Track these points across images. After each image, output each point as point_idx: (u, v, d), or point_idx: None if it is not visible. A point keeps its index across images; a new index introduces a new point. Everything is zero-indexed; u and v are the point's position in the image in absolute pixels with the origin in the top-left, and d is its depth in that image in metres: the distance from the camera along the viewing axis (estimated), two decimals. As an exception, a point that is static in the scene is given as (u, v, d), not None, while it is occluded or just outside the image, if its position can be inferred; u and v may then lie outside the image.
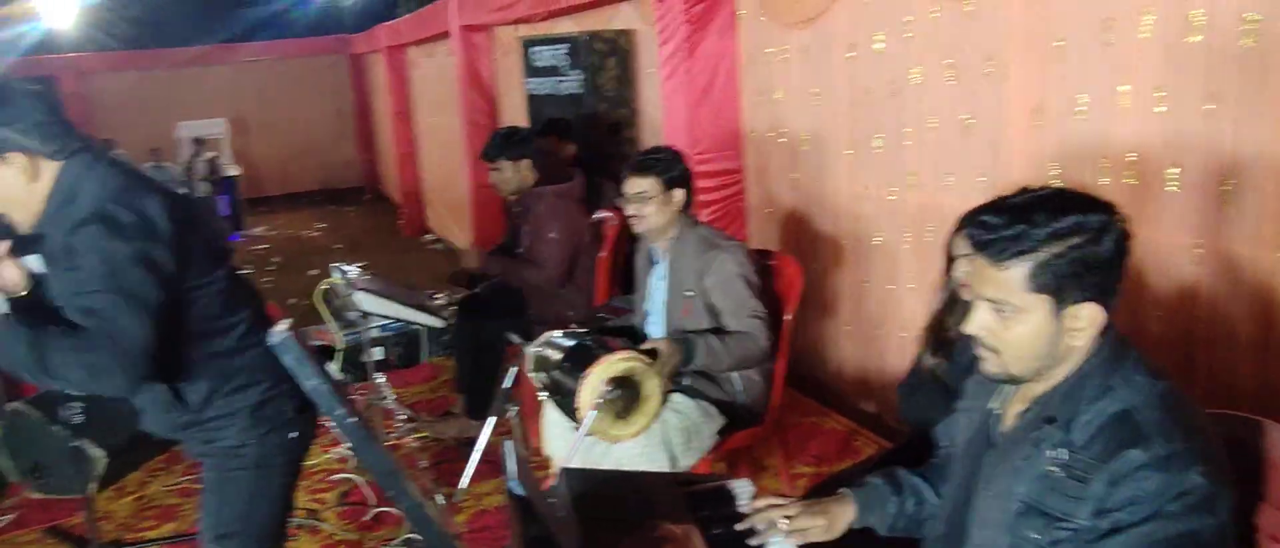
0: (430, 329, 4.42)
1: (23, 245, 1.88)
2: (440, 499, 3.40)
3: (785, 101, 3.99)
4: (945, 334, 2.23)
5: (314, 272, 8.53)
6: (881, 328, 3.68)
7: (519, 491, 1.54)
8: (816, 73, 3.76)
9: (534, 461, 3.10)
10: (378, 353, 3.86)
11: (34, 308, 1.86)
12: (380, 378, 3.84)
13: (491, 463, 3.25)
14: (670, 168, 2.75)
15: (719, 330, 2.68)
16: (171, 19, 13.90)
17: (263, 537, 2.04)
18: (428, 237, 10.19)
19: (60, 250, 1.76)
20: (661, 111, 4.47)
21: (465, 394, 4.05)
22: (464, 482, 3.14)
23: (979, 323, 1.39)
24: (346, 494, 3.63)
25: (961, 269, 2.08)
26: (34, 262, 1.87)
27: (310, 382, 1.44)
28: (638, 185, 2.73)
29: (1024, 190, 1.37)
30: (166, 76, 14.07)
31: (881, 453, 2.81)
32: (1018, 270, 1.32)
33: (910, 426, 2.45)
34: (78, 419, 3.25)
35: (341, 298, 3.57)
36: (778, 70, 4.00)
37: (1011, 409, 1.49)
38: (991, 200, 1.39)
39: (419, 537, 3.06)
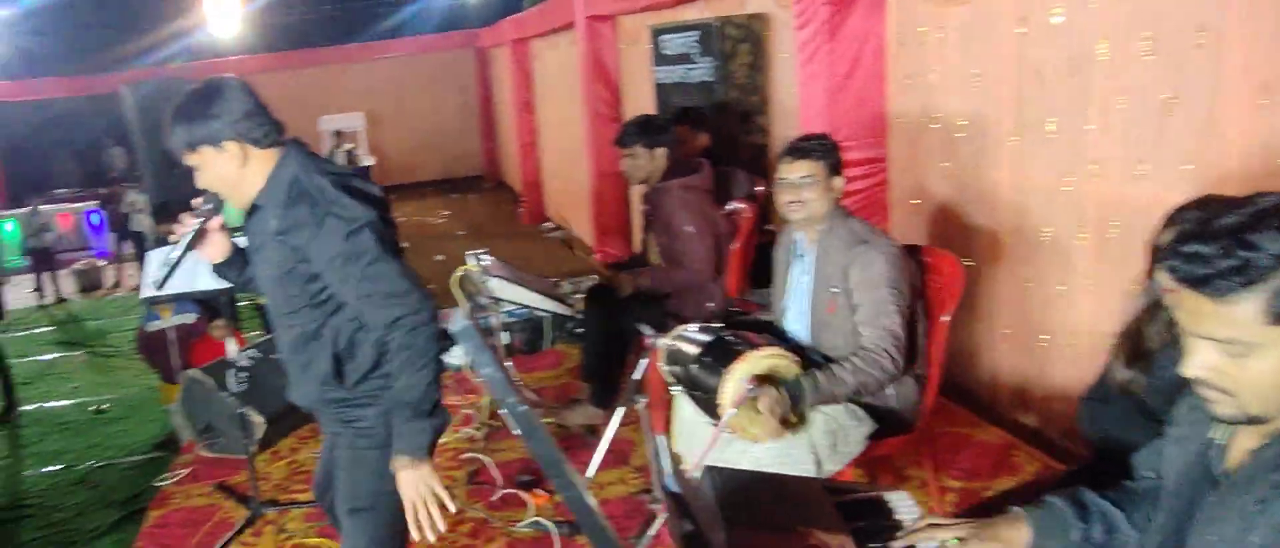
0: (554, 316, 4.42)
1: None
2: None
3: (940, 84, 3.72)
4: (1143, 344, 2.01)
5: (440, 257, 8.74)
6: (1048, 333, 3.37)
7: (674, 488, 1.50)
8: (978, 52, 3.48)
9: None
10: (505, 338, 3.87)
11: (229, 271, 2.26)
12: (508, 363, 3.84)
13: (616, 453, 3.17)
14: (831, 154, 2.60)
15: (838, 360, 2.49)
16: (318, 23, 15.16)
17: (394, 512, 2.07)
18: (546, 225, 10.32)
19: (332, 257, 1.96)
20: (797, 98, 4.27)
21: (591, 383, 4.00)
22: (591, 471, 3.13)
23: (1203, 364, 1.16)
24: (476, 474, 3.69)
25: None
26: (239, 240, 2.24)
27: (486, 370, 1.47)
28: (801, 169, 2.56)
29: (1233, 205, 1.12)
30: (312, 75, 14.90)
31: (1059, 475, 2.58)
32: (1249, 305, 1.09)
33: (1093, 443, 2.24)
34: (242, 388, 3.51)
35: (475, 283, 3.58)
36: (932, 51, 3.73)
37: (1241, 443, 1.26)
38: (1195, 221, 1.14)
39: (549, 522, 3.18)
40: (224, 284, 2.54)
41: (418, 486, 1.97)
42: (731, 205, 3.92)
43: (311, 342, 2.09)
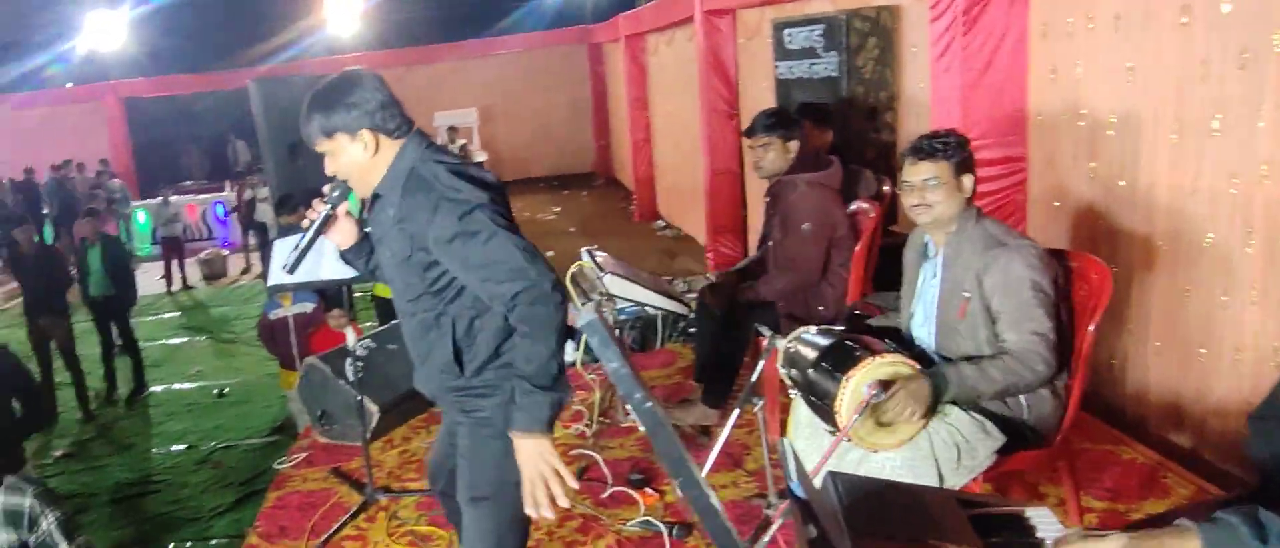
0: (667, 314, 4.36)
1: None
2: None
3: (1087, 79, 3.48)
4: None
5: (549, 253, 8.78)
6: (1207, 347, 3.10)
7: (799, 492, 1.46)
8: (1133, 44, 3.23)
9: (774, 458, 2.98)
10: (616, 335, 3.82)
11: (356, 258, 2.31)
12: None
13: (729, 455, 3.06)
14: (959, 152, 2.43)
15: (983, 357, 2.35)
16: (434, 20, 15.50)
17: (513, 501, 2.07)
18: (659, 223, 10.25)
19: (449, 239, 1.96)
20: (928, 94, 4.07)
21: (703, 383, 3.92)
22: (702, 472, 3.00)
23: None
24: (586, 470, 3.66)
25: None
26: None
27: (613, 364, 1.44)
28: (925, 171, 2.42)
29: None
30: (427, 71, 15.28)
31: (1218, 500, 2.37)
32: None
33: (1260, 468, 2.03)
34: (359, 376, 3.63)
35: (589, 279, 3.53)
36: (1080, 43, 3.49)
37: None
38: None
39: (660, 522, 3.14)
40: (347, 273, 2.58)
41: (537, 460, 1.94)
42: (856, 205, 3.77)
43: (432, 330, 2.12)
